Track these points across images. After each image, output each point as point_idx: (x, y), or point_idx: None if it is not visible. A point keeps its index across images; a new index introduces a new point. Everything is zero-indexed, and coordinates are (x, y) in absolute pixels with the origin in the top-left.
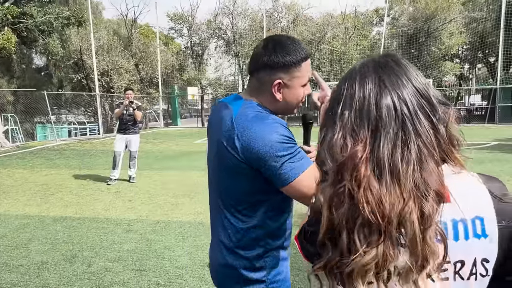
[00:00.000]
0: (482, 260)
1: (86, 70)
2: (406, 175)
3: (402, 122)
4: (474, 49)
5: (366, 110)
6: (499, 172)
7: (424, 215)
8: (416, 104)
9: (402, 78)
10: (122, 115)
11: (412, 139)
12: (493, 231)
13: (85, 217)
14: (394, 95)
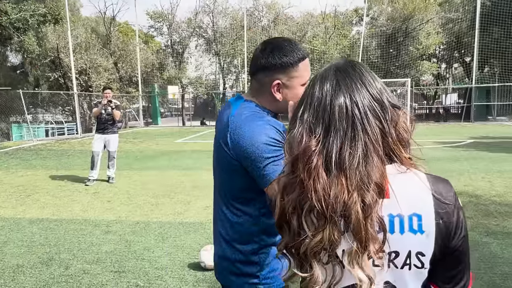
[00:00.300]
0: (417, 253)
1: (63, 69)
2: (351, 169)
3: (352, 121)
4: (450, 49)
5: (322, 109)
6: (474, 169)
7: (365, 205)
8: (367, 106)
9: (357, 82)
10: (100, 114)
11: (360, 136)
12: (431, 228)
13: (62, 218)
14: (347, 96)
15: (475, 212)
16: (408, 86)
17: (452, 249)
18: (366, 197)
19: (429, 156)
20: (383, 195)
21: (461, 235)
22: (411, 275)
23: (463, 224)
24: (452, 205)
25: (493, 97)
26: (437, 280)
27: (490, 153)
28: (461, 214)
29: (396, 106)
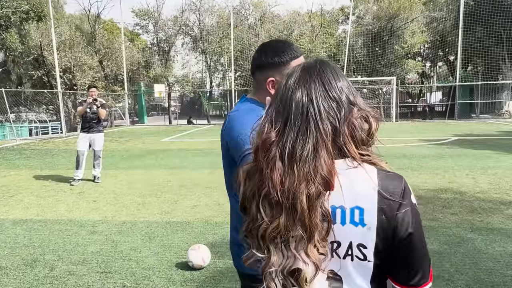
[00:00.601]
0: (358, 245)
1: (47, 67)
2: (301, 161)
3: (306, 116)
4: (435, 48)
5: (283, 103)
6: (459, 166)
7: (310, 196)
8: (321, 103)
9: (316, 80)
10: (85, 113)
11: (311, 131)
12: (372, 221)
13: (47, 219)
14: (304, 93)
15: (460, 208)
16: (394, 85)
17: (397, 245)
18: (311, 189)
19: (414, 154)
20: (329, 187)
21: (406, 232)
22: (354, 267)
23: (411, 221)
24: (397, 202)
25: (476, 95)
26: (391, 275)
27: (474, 150)
28: (409, 211)
29: (352, 103)
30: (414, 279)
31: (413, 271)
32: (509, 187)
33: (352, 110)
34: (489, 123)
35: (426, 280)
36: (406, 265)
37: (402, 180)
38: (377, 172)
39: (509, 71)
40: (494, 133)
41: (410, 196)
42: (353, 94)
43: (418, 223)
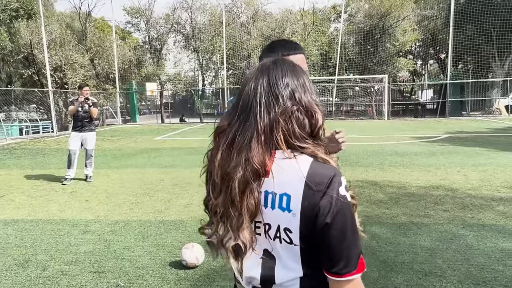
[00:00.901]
0: (285, 228)
1: (37, 65)
2: (239, 149)
3: (249, 110)
4: (426, 46)
5: (238, 96)
6: (450, 163)
7: (241, 181)
8: (263, 96)
9: (264, 75)
10: (77, 112)
11: (251, 123)
12: (297, 208)
13: (38, 219)
14: (251, 88)
15: (451, 205)
16: (386, 83)
17: (318, 232)
18: (244, 175)
19: (406, 151)
20: (260, 175)
21: (325, 221)
22: (283, 249)
23: (331, 211)
24: (321, 192)
25: (467, 93)
26: (319, 260)
27: (465, 148)
28: (331, 201)
29: (295, 100)
30: (336, 267)
31: (334, 259)
32: (499, 183)
33: (292, 106)
34: (480, 121)
35: (350, 270)
36: (327, 252)
37: (332, 172)
38: (311, 163)
39: (499, 69)
40: (485, 131)
41: (338, 187)
42: (302, 92)
43: (341, 214)
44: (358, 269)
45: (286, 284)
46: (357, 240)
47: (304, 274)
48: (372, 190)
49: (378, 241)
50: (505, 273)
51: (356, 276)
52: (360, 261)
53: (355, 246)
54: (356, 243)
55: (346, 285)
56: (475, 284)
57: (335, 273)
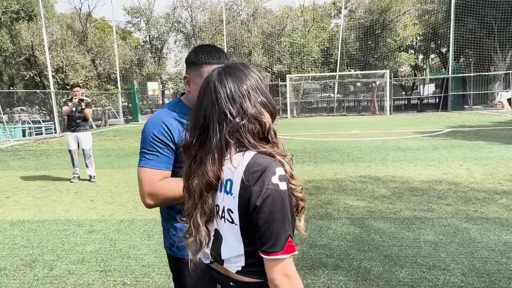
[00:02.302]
0: (228, 209)
1: (39, 67)
2: (199, 164)
3: (206, 127)
4: (427, 40)
5: (195, 111)
6: (453, 158)
7: (197, 190)
8: (214, 116)
9: (211, 93)
10: (71, 112)
11: (208, 141)
12: (236, 192)
13: (44, 219)
14: (203, 105)
15: (454, 199)
16: (387, 78)
17: (251, 214)
18: (200, 186)
19: (409, 146)
20: (213, 186)
21: (254, 204)
22: (227, 228)
23: (261, 196)
24: (254, 179)
25: (469, 87)
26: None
27: (467, 141)
28: (263, 189)
29: (243, 112)
30: (265, 245)
31: (263, 238)
32: (502, 177)
33: (240, 121)
34: (482, 114)
35: (276, 250)
36: (258, 232)
37: (268, 162)
38: (254, 155)
39: (500, 62)
40: (487, 124)
41: (271, 176)
42: (248, 101)
43: (270, 199)
44: (285, 250)
45: (232, 260)
46: (287, 225)
47: (245, 252)
48: (375, 186)
49: (382, 235)
50: (508, 265)
51: (282, 256)
52: (289, 243)
53: (284, 230)
54: (284, 227)
55: (274, 263)
56: (479, 276)
57: (264, 252)
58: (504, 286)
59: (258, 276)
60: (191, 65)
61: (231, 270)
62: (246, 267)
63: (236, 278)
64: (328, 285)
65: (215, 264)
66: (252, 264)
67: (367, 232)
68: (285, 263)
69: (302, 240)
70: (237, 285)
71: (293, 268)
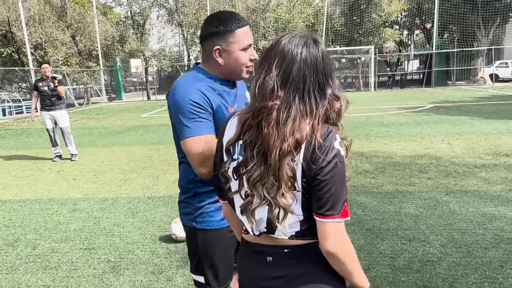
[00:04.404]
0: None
1: (17, 43)
2: (284, 124)
3: (303, 88)
4: (412, 16)
5: (287, 72)
6: (435, 133)
7: (280, 151)
8: (312, 79)
9: (317, 58)
10: (44, 91)
11: (301, 102)
12: (299, 159)
13: (26, 199)
14: (301, 68)
15: (435, 173)
16: (372, 54)
17: (313, 179)
18: (283, 146)
19: (392, 122)
20: (300, 146)
21: (318, 168)
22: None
23: (324, 161)
24: (318, 143)
25: (452, 63)
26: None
27: (449, 117)
28: (327, 153)
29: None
30: (322, 209)
31: (322, 200)
32: (482, 151)
33: (335, 95)
34: (465, 90)
35: (333, 213)
36: (317, 196)
37: (330, 129)
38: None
39: (483, 38)
40: (469, 99)
41: (334, 141)
42: (334, 81)
43: (333, 164)
44: (342, 214)
45: (288, 227)
46: (344, 189)
47: (304, 217)
48: (359, 161)
49: (364, 210)
50: (485, 236)
51: (339, 219)
52: (345, 208)
53: (342, 194)
54: (342, 191)
55: (330, 227)
56: (457, 247)
57: (321, 214)
58: (480, 256)
59: (312, 236)
60: (220, 35)
61: (283, 237)
62: (301, 231)
63: (289, 244)
64: None
65: (260, 237)
66: (306, 228)
67: (349, 206)
68: (340, 227)
69: None
70: (292, 250)
71: (346, 234)
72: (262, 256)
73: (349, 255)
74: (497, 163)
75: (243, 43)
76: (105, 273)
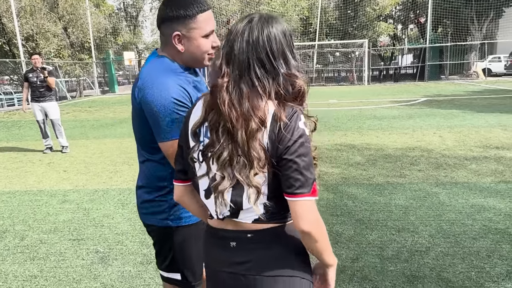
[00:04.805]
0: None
1: (7, 35)
2: (240, 103)
3: (248, 69)
4: (406, 10)
5: (230, 54)
6: (427, 126)
7: (247, 131)
8: (259, 55)
9: (261, 34)
10: (33, 82)
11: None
12: (265, 138)
13: (15, 190)
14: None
15: (426, 165)
16: (366, 47)
17: (280, 158)
18: (250, 125)
19: (385, 115)
20: (264, 126)
21: (285, 147)
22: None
23: (290, 140)
24: (283, 123)
25: (445, 57)
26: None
27: (441, 110)
28: (293, 132)
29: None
30: (291, 188)
31: (292, 179)
32: (473, 143)
33: (279, 72)
34: (457, 84)
35: (304, 191)
36: (286, 175)
37: (294, 109)
38: (280, 104)
39: (477, 32)
40: (462, 93)
41: (298, 121)
42: (287, 57)
43: (300, 142)
44: (312, 193)
45: (251, 209)
46: (311, 168)
47: (268, 199)
48: (350, 153)
49: (354, 201)
50: (474, 226)
51: (310, 198)
52: (314, 187)
53: (310, 172)
54: (310, 170)
55: (302, 206)
56: (445, 237)
57: (291, 193)
58: (468, 246)
59: (276, 220)
60: (180, 20)
61: (246, 221)
62: (264, 214)
63: (252, 228)
64: None
65: (224, 222)
66: (270, 210)
67: (340, 197)
68: (312, 205)
69: None
70: (255, 234)
71: (318, 212)
72: (226, 242)
73: (322, 233)
74: (487, 155)
75: (205, 29)
76: (94, 263)
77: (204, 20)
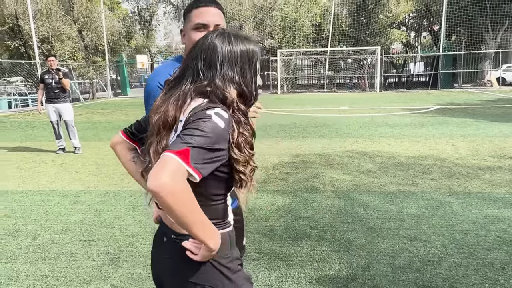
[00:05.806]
0: None
1: (24, 37)
2: (167, 101)
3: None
4: (419, 17)
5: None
6: (440, 134)
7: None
8: (193, 64)
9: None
10: (49, 83)
11: (181, 84)
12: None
13: (28, 190)
14: (193, 54)
15: (439, 174)
16: (378, 54)
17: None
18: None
19: (397, 122)
20: (172, 122)
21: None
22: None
23: (190, 116)
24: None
25: (459, 65)
26: None
27: (454, 119)
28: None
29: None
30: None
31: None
32: (487, 153)
33: (207, 83)
34: (471, 92)
35: (170, 149)
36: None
37: (214, 104)
38: (208, 101)
39: (491, 41)
40: (475, 102)
41: (208, 110)
42: (221, 70)
43: (195, 119)
44: (178, 152)
45: None
46: (197, 140)
47: None
48: (362, 160)
49: (366, 208)
50: (488, 238)
51: (172, 155)
52: (185, 150)
53: (190, 138)
54: (194, 139)
55: (160, 160)
56: (458, 248)
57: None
58: (482, 257)
59: None
60: (185, 17)
61: None
62: None
63: (175, 230)
64: (311, 255)
65: (165, 217)
66: None
67: (351, 205)
68: (171, 164)
69: (287, 212)
70: (176, 237)
71: (182, 180)
72: (162, 237)
73: (180, 200)
74: (501, 165)
75: (193, 22)
76: (104, 264)
77: (196, 14)
